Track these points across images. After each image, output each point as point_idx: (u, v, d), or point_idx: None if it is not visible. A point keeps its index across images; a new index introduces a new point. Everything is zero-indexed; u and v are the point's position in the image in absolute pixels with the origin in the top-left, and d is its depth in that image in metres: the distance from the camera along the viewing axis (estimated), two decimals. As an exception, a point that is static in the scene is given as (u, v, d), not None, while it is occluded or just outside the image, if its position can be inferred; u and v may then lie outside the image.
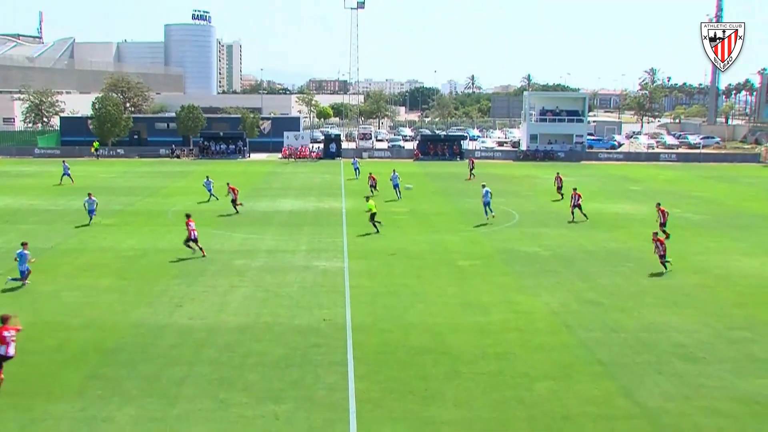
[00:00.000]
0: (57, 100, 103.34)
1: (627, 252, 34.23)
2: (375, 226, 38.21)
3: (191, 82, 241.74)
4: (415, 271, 30.40)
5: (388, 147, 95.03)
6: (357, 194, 52.03)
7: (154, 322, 23.31)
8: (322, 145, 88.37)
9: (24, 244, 28.15)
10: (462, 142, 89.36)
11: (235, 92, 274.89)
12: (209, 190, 49.13)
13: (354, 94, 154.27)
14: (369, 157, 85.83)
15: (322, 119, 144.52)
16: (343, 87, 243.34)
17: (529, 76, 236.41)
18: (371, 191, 50.48)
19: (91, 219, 40.34)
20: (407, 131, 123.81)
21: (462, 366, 19.69)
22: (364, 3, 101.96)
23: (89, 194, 40.83)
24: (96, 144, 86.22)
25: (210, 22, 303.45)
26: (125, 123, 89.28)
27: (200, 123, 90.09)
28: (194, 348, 20.96)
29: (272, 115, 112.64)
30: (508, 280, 29.14)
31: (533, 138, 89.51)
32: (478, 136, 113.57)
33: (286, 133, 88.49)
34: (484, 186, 42.31)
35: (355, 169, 62.50)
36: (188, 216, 33.05)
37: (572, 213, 41.90)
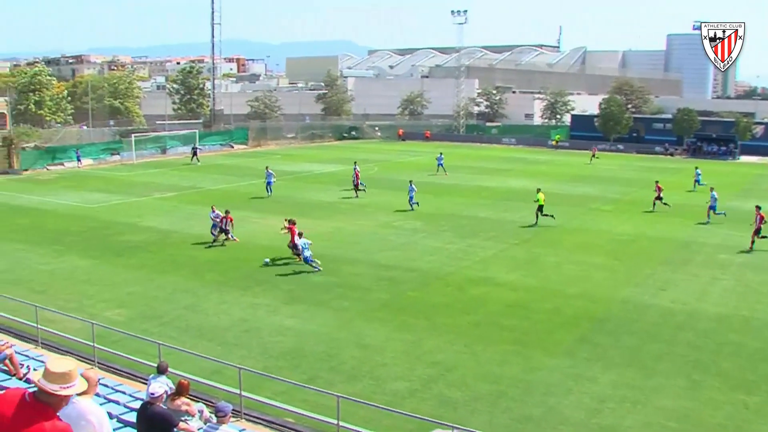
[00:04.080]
0: (569, 100, 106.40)
1: None
2: (538, 216, 34.57)
3: (688, 88, 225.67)
4: None
5: None
6: None
7: (639, 300, 22.61)
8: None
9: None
10: None
11: (728, 98, 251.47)
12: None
13: None
14: None
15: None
16: None
17: None
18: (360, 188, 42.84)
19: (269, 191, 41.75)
20: None
21: None
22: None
23: (266, 167, 42.97)
24: (557, 137, 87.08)
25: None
26: (626, 122, 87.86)
27: (694, 125, 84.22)
28: (673, 329, 19.86)
29: (766, 120, 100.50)
30: None
31: None
32: None
33: (778, 138, 78.54)
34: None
35: None
36: (227, 212, 29.36)
37: None
